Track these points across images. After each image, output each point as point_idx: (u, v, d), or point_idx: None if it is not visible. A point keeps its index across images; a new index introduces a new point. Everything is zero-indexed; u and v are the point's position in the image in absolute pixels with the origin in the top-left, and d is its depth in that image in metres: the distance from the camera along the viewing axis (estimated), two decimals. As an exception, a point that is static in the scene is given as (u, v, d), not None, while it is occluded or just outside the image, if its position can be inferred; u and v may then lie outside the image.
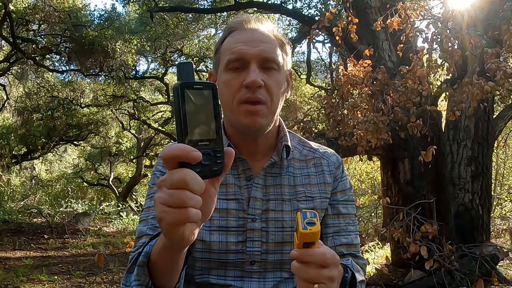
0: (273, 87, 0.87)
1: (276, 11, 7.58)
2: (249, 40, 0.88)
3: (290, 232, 0.92)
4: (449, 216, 4.15)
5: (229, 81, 0.87)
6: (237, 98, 0.86)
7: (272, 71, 0.88)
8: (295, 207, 0.93)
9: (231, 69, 0.87)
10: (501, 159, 10.63)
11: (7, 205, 9.52)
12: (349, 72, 3.59)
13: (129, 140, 14.04)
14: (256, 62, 0.86)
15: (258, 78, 0.84)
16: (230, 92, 0.87)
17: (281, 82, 0.90)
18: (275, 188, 0.95)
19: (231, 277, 0.92)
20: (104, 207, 11.36)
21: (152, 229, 0.90)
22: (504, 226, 8.44)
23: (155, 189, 0.93)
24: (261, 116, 0.86)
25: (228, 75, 0.88)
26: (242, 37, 0.89)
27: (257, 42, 0.87)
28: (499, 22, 3.14)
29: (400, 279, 3.96)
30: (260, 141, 0.94)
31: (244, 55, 0.86)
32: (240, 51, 0.86)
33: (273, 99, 0.87)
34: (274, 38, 0.91)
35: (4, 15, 6.82)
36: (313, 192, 0.96)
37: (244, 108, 0.85)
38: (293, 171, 0.97)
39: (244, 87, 0.85)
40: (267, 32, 0.91)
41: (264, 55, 0.87)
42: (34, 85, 10.42)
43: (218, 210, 0.92)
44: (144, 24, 8.24)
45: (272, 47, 0.88)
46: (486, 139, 4.62)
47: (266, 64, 0.87)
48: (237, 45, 0.87)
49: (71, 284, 4.48)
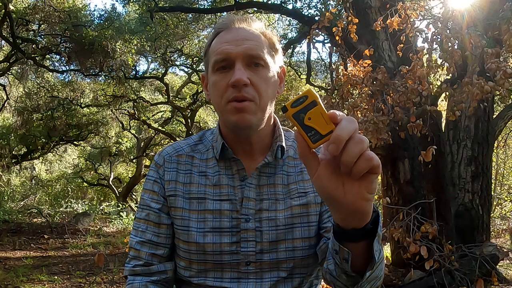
0: (260, 84, 0.87)
1: (276, 11, 7.58)
2: (234, 40, 0.88)
3: (284, 230, 0.92)
4: (449, 216, 4.15)
5: (217, 82, 0.88)
6: (224, 98, 0.87)
7: (259, 68, 0.88)
8: (288, 205, 0.93)
9: (218, 69, 0.88)
10: (501, 159, 10.64)
11: (7, 205, 9.53)
12: (349, 72, 3.59)
13: (129, 140, 14.05)
14: (241, 61, 0.86)
15: (243, 76, 0.84)
16: (219, 93, 0.88)
17: (269, 78, 0.90)
18: (269, 188, 0.94)
19: (227, 279, 0.92)
20: (104, 207, 11.36)
21: (140, 243, 0.95)
22: (504, 226, 8.45)
23: (147, 196, 0.96)
24: (249, 112, 0.86)
25: (215, 76, 0.89)
26: (228, 37, 0.89)
27: (241, 41, 0.87)
28: (499, 22, 3.14)
29: (400, 279, 3.96)
30: (255, 141, 0.94)
31: (229, 55, 0.86)
32: (225, 51, 0.87)
33: (262, 96, 0.87)
34: (260, 35, 0.91)
35: (4, 15, 6.82)
36: (306, 187, 0.95)
37: (231, 106, 0.86)
38: (287, 170, 0.97)
39: (231, 87, 0.86)
40: (253, 29, 0.91)
41: (249, 53, 0.87)
42: (34, 85, 10.42)
43: (211, 211, 0.92)
44: (144, 24, 8.24)
45: (257, 44, 0.88)
46: (486, 139, 4.62)
47: (252, 61, 0.87)
48: (222, 45, 0.88)
49: (71, 284, 4.48)
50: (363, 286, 0.76)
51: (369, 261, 0.72)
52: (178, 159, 0.97)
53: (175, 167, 0.96)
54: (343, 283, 0.79)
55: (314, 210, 0.94)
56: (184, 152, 0.98)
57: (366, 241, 0.68)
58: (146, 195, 0.97)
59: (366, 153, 0.55)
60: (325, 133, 0.57)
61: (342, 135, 0.54)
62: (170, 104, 11.43)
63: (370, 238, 0.68)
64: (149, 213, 0.95)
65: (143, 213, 0.96)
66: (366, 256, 0.71)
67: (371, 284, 0.77)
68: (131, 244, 0.96)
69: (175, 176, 0.95)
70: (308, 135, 0.58)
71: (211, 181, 0.94)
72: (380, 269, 0.76)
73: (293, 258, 0.92)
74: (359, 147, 0.54)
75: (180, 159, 0.97)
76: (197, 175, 0.95)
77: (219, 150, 0.94)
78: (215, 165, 0.96)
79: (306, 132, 0.58)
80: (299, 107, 0.58)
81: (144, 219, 0.96)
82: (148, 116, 11.63)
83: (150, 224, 0.95)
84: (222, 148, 0.94)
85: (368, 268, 0.72)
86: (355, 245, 0.69)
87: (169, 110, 12.57)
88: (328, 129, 0.57)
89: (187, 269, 0.94)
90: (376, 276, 0.76)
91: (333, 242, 0.71)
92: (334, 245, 0.71)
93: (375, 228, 0.67)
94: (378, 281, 0.79)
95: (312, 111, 0.58)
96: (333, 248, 0.73)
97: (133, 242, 0.96)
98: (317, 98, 0.58)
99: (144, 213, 0.96)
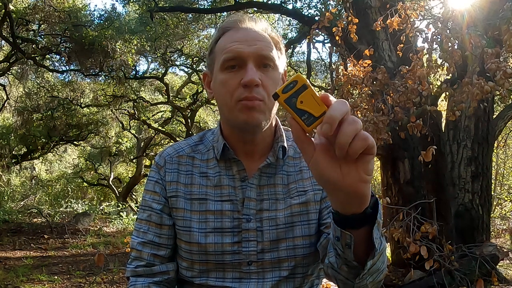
0: (269, 85, 0.88)
1: (276, 11, 7.59)
2: (244, 39, 0.88)
3: (284, 228, 0.92)
4: (449, 216, 4.15)
5: (226, 80, 0.88)
6: (235, 97, 0.87)
7: (268, 69, 0.89)
8: (288, 205, 0.94)
9: (228, 68, 0.88)
10: (501, 159, 10.64)
11: (7, 205, 9.53)
12: (349, 72, 3.59)
13: (129, 140, 14.05)
14: (253, 61, 0.86)
15: (256, 76, 0.85)
16: (228, 92, 0.88)
17: (277, 80, 0.91)
18: (269, 188, 0.95)
19: (229, 279, 0.92)
20: (104, 207, 11.37)
21: (141, 244, 0.95)
22: (504, 226, 8.45)
23: (148, 197, 0.96)
24: (259, 111, 0.87)
25: (224, 74, 0.88)
26: (237, 36, 0.89)
27: (253, 41, 0.87)
28: (499, 22, 3.14)
29: (400, 279, 3.96)
30: (258, 141, 0.94)
31: (240, 54, 0.86)
32: (236, 50, 0.86)
33: (270, 97, 0.88)
34: (268, 36, 0.92)
35: (4, 15, 6.83)
36: (305, 186, 0.96)
37: (241, 105, 0.86)
38: (287, 170, 0.97)
39: (242, 86, 0.85)
40: (261, 31, 0.92)
41: (261, 53, 0.87)
42: (34, 85, 10.42)
43: (212, 212, 0.92)
44: (144, 24, 8.24)
45: (267, 46, 0.89)
46: (486, 139, 4.62)
47: (263, 62, 0.88)
48: (232, 44, 0.88)
49: (71, 284, 4.48)
50: (364, 279, 0.75)
51: (371, 250, 0.72)
52: (179, 160, 0.98)
53: (176, 168, 0.96)
54: (345, 276, 0.79)
55: (313, 208, 0.95)
56: (185, 153, 0.99)
57: (366, 227, 0.68)
58: (147, 196, 0.97)
59: (361, 132, 0.55)
60: (318, 115, 0.57)
61: (335, 114, 0.54)
62: (170, 104, 11.43)
63: (371, 224, 0.68)
64: (150, 214, 0.96)
65: (144, 214, 0.96)
66: (367, 244, 0.71)
67: (373, 278, 0.77)
68: (132, 245, 0.97)
69: (176, 177, 0.96)
70: (302, 118, 0.57)
71: (212, 182, 0.95)
72: (382, 261, 0.76)
73: (294, 256, 0.92)
74: (353, 127, 0.54)
75: (181, 160, 0.98)
76: (198, 176, 0.96)
77: (220, 151, 0.94)
78: (215, 166, 0.96)
79: (300, 115, 0.58)
80: (290, 92, 0.58)
81: (145, 220, 0.96)
82: (148, 116, 11.63)
83: (151, 225, 0.95)
84: (223, 148, 0.94)
85: (370, 258, 0.71)
86: (356, 232, 0.68)
87: (169, 110, 12.57)
88: (321, 111, 0.57)
89: (189, 270, 0.95)
90: (378, 269, 0.75)
91: (334, 229, 0.70)
92: (336, 231, 0.70)
93: (375, 213, 0.67)
94: (381, 274, 0.78)
95: (303, 94, 0.58)
96: (334, 235, 0.72)
97: (134, 243, 0.96)
98: (306, 81, 0.58)
99: (145, 214, 0.96)
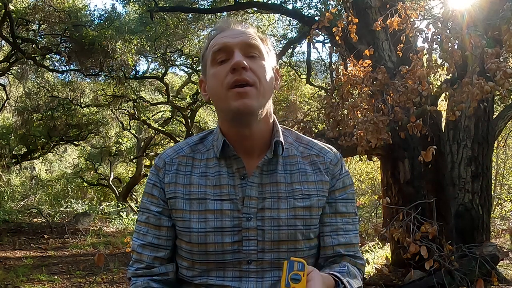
0: (258, 70, 0.91)
1: (276, 11, 7.58)
2: (231, 35, 0.93)
3: (287, 230, 0.92)
4: (449, 216, 4.15)
5: (217, 72, 0.91)
6: (225, 84, 0.89)
7: (256, 58, 0.92)
8: (292, 205, 0.93)
9: (218, 62, 0.92)
10: (501, 159, 10.63)
11: (7, 205, 9.53)
12: (349, 72, 3.59)
13: (129, 140, 14.05)
14: (239, 49, 0.90)
15: (242, 59, 0.88)
16: (219, 81, 0.90)
17: (267, 68, 0.93)
18: (271, 186, 0.95)
19: (229, 278, 0.92)
20: (104, 207, 11.35)
21: (141, 246, 0.97)
22: (504, 226, 8.44)
23: (146, 200, 0.98)
24: (251, 97, 0.88)
25: (214, 68, 0.92)
26: (225, 34, 0.94)
27: (238, 34, 0.93)
28: (499, 22, 3.13)
29: (400, 279, 3.96)
30: (255, 136, 0.94)
31: (227, 44, 0.91)
32: (223, 41, 0.92)
33: (261, 81, 0.90)
34: (254, 33, 0.96)
35: (4, 15, 6.82)
36: (310, 190, 0.95)
37: (232, 92, 0.88)
38: (290, 168, 0.97)
39: (230, 72, 0.88)
40: (247, 29, 0.97)
41: (246, 42, 0.91)
42: (34, 85, 10.42)
43: (212, 211, 0.92)
44: (144, 24, 8.24)
45: (253, 37, 0.94)
46: (486, 139, 4.61)
47: (249, 50, 0.91)
48: (220, 39, 0.93)
49: (71, 284, 4.48)
50: None
51: None
52: (178, 160, 0.98)
53: (175, 169, 0.97)
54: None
55: (316, 213, 0.95)
56: (185, 153, 0.99)
57: None
58: (145, 199, 0.99)
59: None
60: None
61: None
62: (170, 104, 11.42)
63: None
64: (149, 216, 0.97)
65: (143, 216, 0.98)
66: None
67: None
68: (133, 247, 0.99)
69: (174, 178, 0.96)
70: None
71: (212, 182, 0.95)
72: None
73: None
74: None
75: (181, 161, 0.98)
76: (197, 176, 0.96)
77: (220, 148, 0.94)
78: (215, 165, 0.96)
79: None
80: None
81: (144, 222, 0.97)
82: (148, 116, 11.62)
83: (150, 227, 0.96)
84: (223, 145, 0.94)
85: None
86: None
87: (169, 110, 12.56)
88: None
89: (189, 269, 0.95)
90: None
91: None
92: None
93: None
94: None
95: None
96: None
97: (135, 245, 0.98)
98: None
99: (144, 216, 0.98)
